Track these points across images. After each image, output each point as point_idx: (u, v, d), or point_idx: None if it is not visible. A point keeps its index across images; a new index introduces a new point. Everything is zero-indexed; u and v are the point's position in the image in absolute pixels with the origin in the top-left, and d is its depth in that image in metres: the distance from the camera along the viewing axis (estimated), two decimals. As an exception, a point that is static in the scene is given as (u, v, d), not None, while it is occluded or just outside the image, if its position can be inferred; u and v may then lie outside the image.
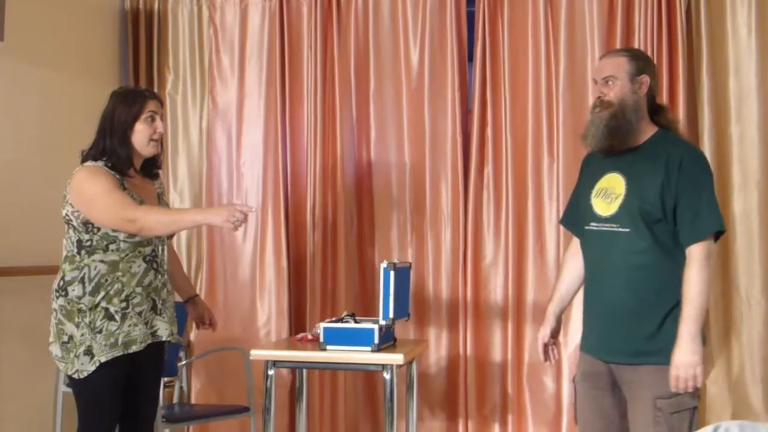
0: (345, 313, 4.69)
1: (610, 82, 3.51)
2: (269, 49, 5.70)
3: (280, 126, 5.64)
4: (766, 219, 5.13)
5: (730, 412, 5.08)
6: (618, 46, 5.22)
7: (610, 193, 3.51)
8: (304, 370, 4.88)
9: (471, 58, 5.54)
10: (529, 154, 5.39)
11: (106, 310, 3.64)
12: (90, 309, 3.64)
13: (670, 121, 3.63)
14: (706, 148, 5.15)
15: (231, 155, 5.74)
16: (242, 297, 5.67)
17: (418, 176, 5.53)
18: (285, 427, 5.50)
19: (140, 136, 3.74)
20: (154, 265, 3.78)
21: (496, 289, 5.43)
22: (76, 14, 5.45)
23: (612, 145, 3.50)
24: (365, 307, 5.48)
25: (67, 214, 3.70)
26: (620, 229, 3.45)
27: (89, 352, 3.62)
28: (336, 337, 4.34)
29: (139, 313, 3.70)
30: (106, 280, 3.66)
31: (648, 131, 3.54)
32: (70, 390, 5.04)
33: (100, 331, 3.63)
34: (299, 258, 5.65)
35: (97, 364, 3.62)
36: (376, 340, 4.28)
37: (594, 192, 3.57)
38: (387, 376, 4.27)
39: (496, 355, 5.41)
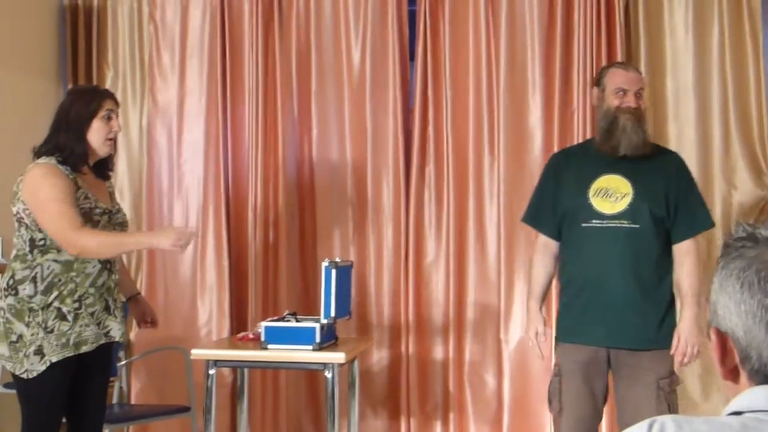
0: (286, 312, 4.67)
1: (639, 95, 3.93)
2: (210, 47, 5.66)
3: (221, 124, 5.61)
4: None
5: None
6: (558, 45, 5.29)
7: (613, 193, 3.84)
8: (246, 370, 4.86)
9: (412, 56, 5.55)
10: (470, 153, 5.41)
11: (59, 309, 3.61)
12: (42, 308, 3.60)
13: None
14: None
15: (171, 153, 5.70)
16: (183, 296, 5.63)
17: (360, 175, 5.53)
18: (226, 426, 5.48)
19: (96, 135, 3.73)
20: (108, 266, 3.76)
21: (438, 288, 5.45)
22: (14, 10, 5.38)
23: (644, 151, 3.86)
24: (307, 306, 5.46)
25: (18, 212, 3.65)
26: (630, 225, 3.79)
27: (39, 352, 3.59)
28: (277, 336, 4.32)
29: (92, 314, 3.68)
30: (59, 280, 3.62)
31: None
32: (7, 391, 4.99)
33: (51, 331, 3.60)
34: (240, 257, 5.62)
35: (48, 363, 3.59)
36: (318, 339, 4.27)
37: (591, 192, 3.86)
38: (329, 375, 4.26)
39: (438, 353, 5.43)
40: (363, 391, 5.33)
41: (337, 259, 4.42)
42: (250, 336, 4.66)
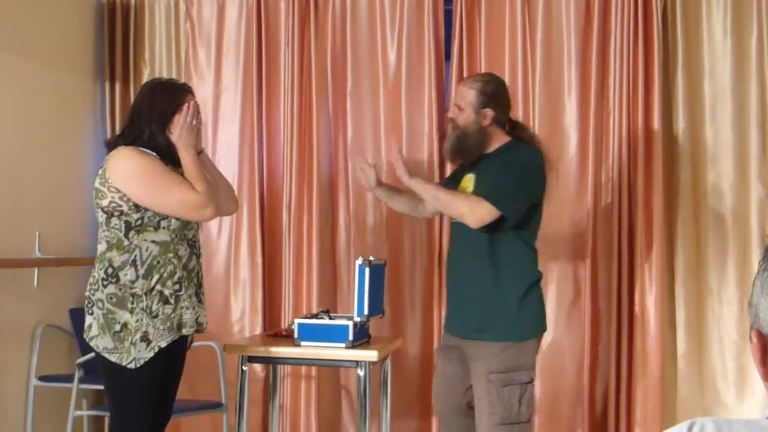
0: (320, 310, 4.69)
1: (459, 109, 4.10)
2: (246, 45, 5.69)
3: (256, 122, 5.63)
4: (739, 220, 5.17)
5: (701, 412, 5.11)
6: (594, 46, 5.27)
7: (464, 191, 4.09)
8: (278, 366, 4.88)
9: (448, 56, 5.55)
10: (504, 153, 5.39)
11: (161, 293, 3.59)
12: (145, 293, 3.57)
13: (524, 135, 4.19)
14: (681, 149, 5.19)
15: (206, 150, 5.70)
16: (216, 292, 5.64)
17: (394, 174, 5.51)
18: (258, 422, 5.49)
19: (177, 129, 3.72)
20: (195, 250, 3.75)
21: (471, 287, 5.43)
22: (52, 7, 5.41)
23: (457, 159, 4.24)
24: (341, 304, 5.48)
25: (111, 203, 3.60)
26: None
27: (146, 339, 3.55)
28: (310, 333, 4.34)
29: (189, 296, 3.67)
30: (158, 262, 3.60)
31: (499, 142, 4.10)
32: (42, 383, 5.04)
33: (156, 316, 3.57)
34: (274, 254, 5.64)
35: (156, 350, 3.57)
36: (351, 337, 4.29)
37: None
38: (361, 372, 4.28)
39: (470, 353, 5.42)
40: (395, 389, 5.33)
41: (371, 258, 4.43)
42: (283, 333, 4.68)
